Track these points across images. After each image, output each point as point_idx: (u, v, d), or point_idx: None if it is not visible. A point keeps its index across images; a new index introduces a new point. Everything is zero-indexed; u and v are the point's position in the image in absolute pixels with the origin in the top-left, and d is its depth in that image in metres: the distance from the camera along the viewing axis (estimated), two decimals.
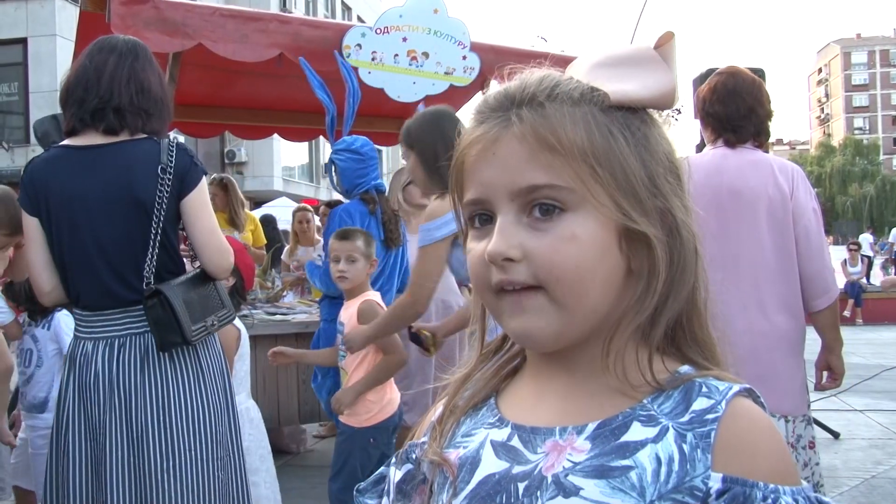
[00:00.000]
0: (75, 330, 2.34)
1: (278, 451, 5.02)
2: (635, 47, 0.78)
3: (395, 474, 0.89)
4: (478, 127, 0.77)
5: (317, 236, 7.10)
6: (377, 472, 0.93)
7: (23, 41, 18.90)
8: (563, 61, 0.82)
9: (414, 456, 0.88)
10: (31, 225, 2.30)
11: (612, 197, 0.72)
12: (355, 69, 4.39)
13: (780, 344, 2.53)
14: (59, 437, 2.27)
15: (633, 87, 0.75)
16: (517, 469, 0.75)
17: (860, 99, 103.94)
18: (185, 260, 2.44)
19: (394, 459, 0.91)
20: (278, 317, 4.75)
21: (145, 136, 2.31)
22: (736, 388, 0.73)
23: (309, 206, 7.47)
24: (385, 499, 0.89)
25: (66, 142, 2.32)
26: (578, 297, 0.72)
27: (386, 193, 3.91)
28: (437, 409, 0.88)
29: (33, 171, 2.30)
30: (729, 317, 0.84)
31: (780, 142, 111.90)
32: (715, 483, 0.68)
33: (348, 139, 3.86)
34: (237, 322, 2.92)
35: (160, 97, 2.35)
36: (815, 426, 2.80)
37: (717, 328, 0.80)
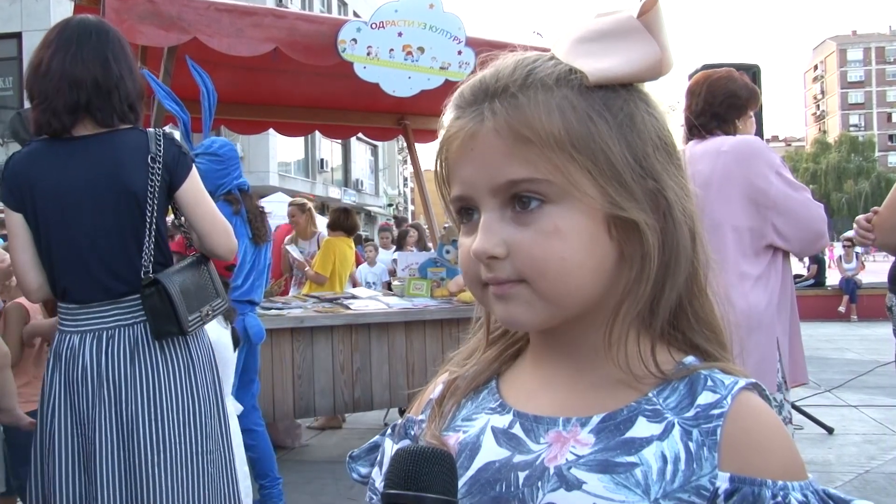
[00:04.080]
0: (59, 323, 2.30)
1: (273, 445, 5.03)
2: (617, 18, 0.73)
3: (392, 448, 0.87)
4: (456, 121, 0.74)
5: (312, 228, 7.13)
6: (371, 441, 0.91)
7: (17, 35, 18.84)
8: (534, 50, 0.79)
9: (412, 433, 0.86)
10: (16, 221, 2.26)
11: (595, 185, 0.70)
12: (354, 64, 4.39)
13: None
14: (45, 432, 2.23)
15: (616, 62, 0.71)
16: (518, 458, 0.74)
17: (856, 96, 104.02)
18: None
19: (390, 431, 0.89)
20: (273, 312, 4.75)
21: (130, 126, 2.29)
22: (742, 382, 0.72)
23: (300, 200, 7.49)
24: (377, 469, 0.88)
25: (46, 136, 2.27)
26: (564, 289, 0.71)
27: (249, 191, 3.94)
28: (437, 388, 0.87)
29: (15, 166, 2.26)
30: None
31: (775, 138, 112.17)
32: (723, 483, 0.67)
33: (206, 142, 3.87)
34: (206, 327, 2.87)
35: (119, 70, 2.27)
36: (796, 419, 2.84)
37: (720, 305, 0.78)
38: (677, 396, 0.72)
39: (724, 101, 2.82)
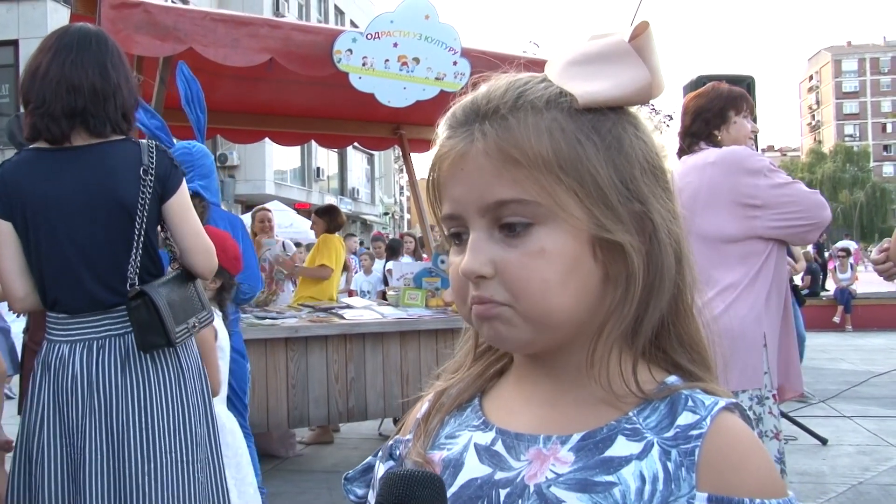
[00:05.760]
0: (47, 333, 2.29)
1: (267, 455, 5.02)
2: (608, 42, 0.75)
3: (379, 469, 0.88)
4: (447, 141, 0.76)
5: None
6: (365, 462, 0.92)
7: (14, 43, 18.84)
8: (530, 66, 0.80)
9: (398, 453, 0.87)
10: (4, 229, 2.24)
11: (582, 207, 0.71)
12: (349, 74, 4.39)
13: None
14: (31, 443, 2.21)
15: (606, 85, 0.73)
16: (500, 475, 0.75)
17: (850, 106, 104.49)
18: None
19: (380, 453, 0.89)
20: (268, 321, 4.74)
21: (123, 137, 2.28)
22: (722, 403, 0.72)
23: (269, 208, 7.50)
24: (371, 491, 0.88)
25: (38, 144, 2.27)
26: (546, 310, 0.71)
27: (199, 195, 3.68)
28: (423, 406, 0.88)
29: (6, 174, 2.25)
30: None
31: (771, 148, 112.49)
32: (700, 503, 0.67)
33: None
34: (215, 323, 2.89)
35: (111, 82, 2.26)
36: (790, 430, 2.84)
37: (721, 334, 0.79)
38: (658, 416, 0.72)
39: (694, 121, 2.95)
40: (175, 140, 3.78)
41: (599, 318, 0.74)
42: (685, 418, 0.71)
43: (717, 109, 2.92)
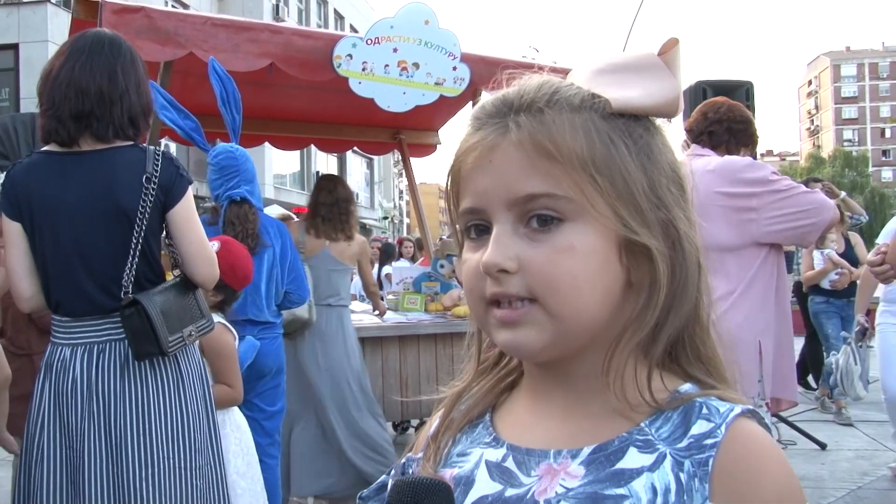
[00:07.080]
0: (52, 335, 2.31)
1: None
2: (639, 53, 0.76)
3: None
4: (474, 133, 0.74)
5: None
6: (379, 480, 0.91)
7: (14, 47, 18.86)
8: (554, 72, 0.79)
9: (410, 471, 0.86)
10: (14, 230, 2.28)
11: (612, 207, 0.70)
12: (349, 79, 4.40)
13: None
14: (32, 445, 2.23)
15: (636, 94, 0.73)
16: (510, 492, 0.74)
17: (849, 111, 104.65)
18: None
19: (392, 471, 0.89)
20: None
21: (130, 142, 2.30)
22: (738, 409, 0.70)
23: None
24: None
25: (48, 147, 2.30)
26: (574, 309, 0.70)
27: (247, 200, 3.64)
28: (434, 424, 0.86)
29: (15, 176, 2.29)
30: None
31: (770, 153, 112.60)
32: None
33: (211, 151, 3.72)
34: (232, 328, 2.90)
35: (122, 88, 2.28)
36: (790, 435, 2.84)
37: (723, 344, 0.78)
38: (670, 426, 0.71)
39: (740, 122, 2.97)
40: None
41: (618, 326, 0.73)
42: (699, 427, 0.70)
43: (753, 135, 3.00)
